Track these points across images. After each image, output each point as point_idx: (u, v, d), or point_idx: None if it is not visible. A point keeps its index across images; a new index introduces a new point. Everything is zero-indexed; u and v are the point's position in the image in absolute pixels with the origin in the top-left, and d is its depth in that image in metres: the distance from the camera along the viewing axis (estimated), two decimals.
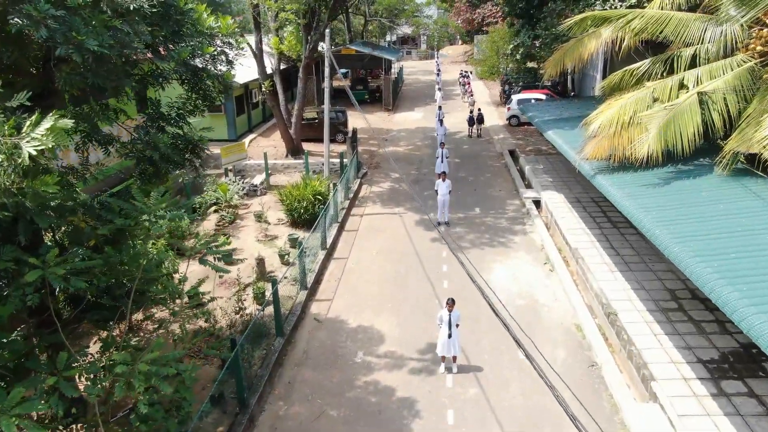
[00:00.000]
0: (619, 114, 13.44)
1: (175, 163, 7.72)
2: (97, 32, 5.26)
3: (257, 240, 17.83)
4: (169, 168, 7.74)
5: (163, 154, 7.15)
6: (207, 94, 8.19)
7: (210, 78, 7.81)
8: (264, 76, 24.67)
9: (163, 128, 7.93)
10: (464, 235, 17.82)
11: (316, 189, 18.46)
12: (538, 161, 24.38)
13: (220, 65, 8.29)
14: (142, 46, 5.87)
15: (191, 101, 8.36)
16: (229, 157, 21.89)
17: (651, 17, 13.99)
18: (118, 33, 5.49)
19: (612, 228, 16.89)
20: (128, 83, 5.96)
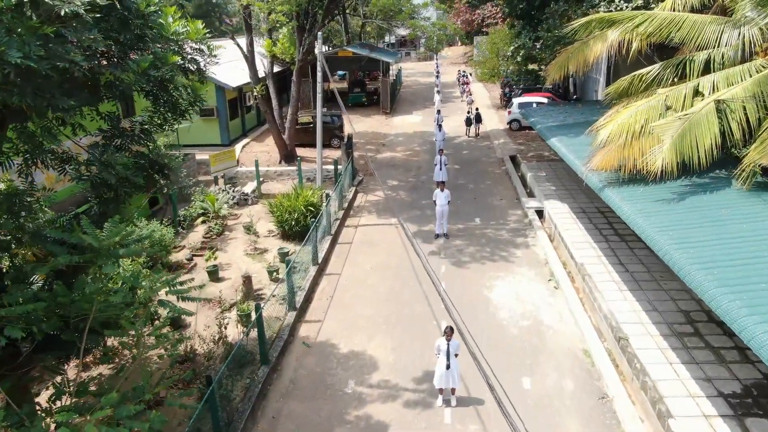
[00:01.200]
0: (630, 123, 12.56)
1: (137, 186, 6.81)
2: (24, 41, 4.39)
3: (246, 253, 16.93)
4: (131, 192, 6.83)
5: (121, 177, 6.26)
6: (176, 107, 7.29)
7: (177, 89, 6.90)
8: (256, 79, 23.80)
9: (123, 147, 7.02)
10: (464, 248, 16.92)
11: (308, 200, 17.56)
12: (541, 168, 23.49)
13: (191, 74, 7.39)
14: (81, 57, 4.99)
15: (160, 115, 7.46)
16: (218, 165, 21.00)
17: (663, 20, 13.11)
18: (50, 42, 4.61)
19: (620, 241, 16.00)
20: (65, 102, 5.08)
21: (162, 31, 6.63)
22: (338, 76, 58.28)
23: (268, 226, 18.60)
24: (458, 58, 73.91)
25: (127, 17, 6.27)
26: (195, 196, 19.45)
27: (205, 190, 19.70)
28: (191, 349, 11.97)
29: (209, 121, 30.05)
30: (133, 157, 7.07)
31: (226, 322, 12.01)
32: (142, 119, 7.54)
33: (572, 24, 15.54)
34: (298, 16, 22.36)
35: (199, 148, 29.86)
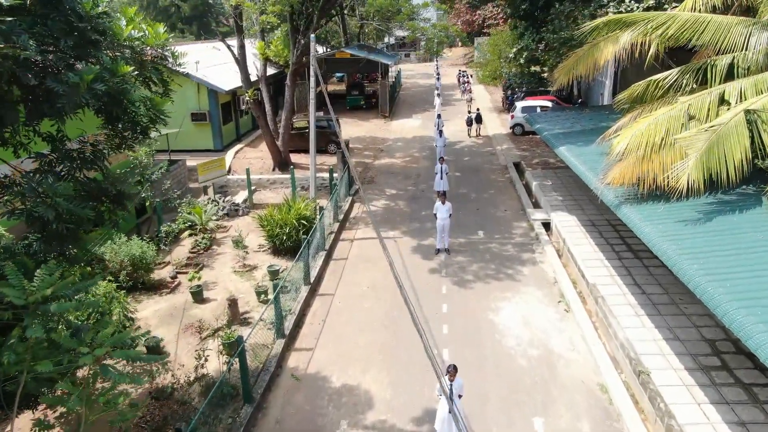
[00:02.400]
0: (649, 134, 11.49)
1: (83, 221, 5.73)
2: None
3: (234, 271, 15.85)
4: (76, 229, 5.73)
5: (59, 213, 5.18)
6: (136, 124, 6.22)
7: (134, 104, 5.83)
8: (248, 83, 22.71)
9: (70, 173, 5.93)
10: (467, 266, 15.84)
11: (300, 213, 16.49)
12: (546, 176, 22.42)
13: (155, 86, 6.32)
14: None
15: (117, 133, 6.38)
16: (207, 174, 19.92)
17: (685, 21, 12.04)
18: None
19: (633, 258, 14.92)
20: None
21: (114, 37, 5.57)
22: (336, 77, 57.24)
23: (258, 239, 17.53)
24: (458, 59, 72.86)
25: (70, 20, 5.21)
26: (182, 207, 18.37)
27: (193, 201, 18.63)
28: (169, 383, 10.88)
29: (201, 126, 29.00)
30: (81, 185, 5.98)
31: (206, 354, 10.92)
32: (95, 139, 6.45)
33: (587, 25, 14.47)
34: (292, 16, 21.29)
35: (190, 153, 28.82)
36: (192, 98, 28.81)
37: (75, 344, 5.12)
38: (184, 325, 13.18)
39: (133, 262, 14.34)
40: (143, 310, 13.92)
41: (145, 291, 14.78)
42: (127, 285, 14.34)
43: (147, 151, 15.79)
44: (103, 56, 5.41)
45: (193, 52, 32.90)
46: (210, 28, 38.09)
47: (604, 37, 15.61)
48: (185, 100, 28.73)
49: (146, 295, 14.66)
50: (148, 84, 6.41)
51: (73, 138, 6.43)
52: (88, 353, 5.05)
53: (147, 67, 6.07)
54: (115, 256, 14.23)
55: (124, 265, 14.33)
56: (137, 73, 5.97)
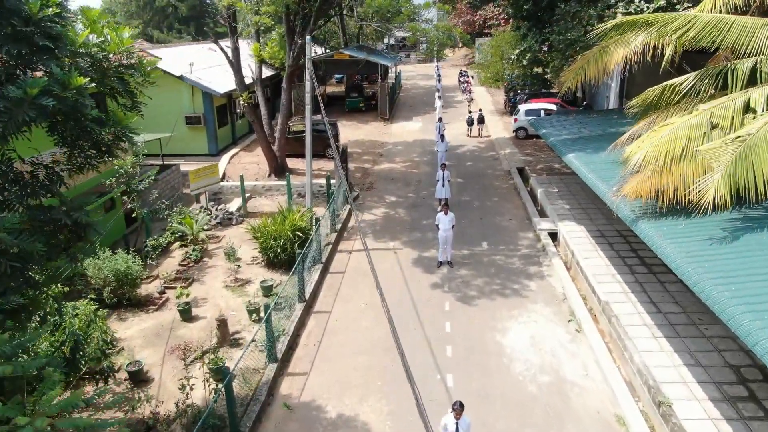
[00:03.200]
0: (668, 144, 10.68)
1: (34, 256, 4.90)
2: None
3: (225, 285, 15.03)
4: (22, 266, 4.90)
5: (3, 250, 4.38)
6: (97, 143, 5.42)
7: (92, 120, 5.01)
8: (242, 86, 21.91)
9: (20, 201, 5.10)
10: (471, 280, 15.03)
11: (295, 224, 15.67)
12: (552, 183, 21.61)
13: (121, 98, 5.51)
14: None
15: (80, 153, 5.57)
16: (198, 181, 19.09)
17: (707, 23, 11.23)
18: None
19: (647, 273, 14.12)
20: None
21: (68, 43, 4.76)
22: (335, 79, 56.39)
23: (252, 251, 16.72)
24: (459, 60, 72.04)
25: (14, 24, 4.40)
26: (172, 217, 17.54)
27: (185, 210, 17.80)
28: (151, 413, 10.07)
29: (196, 130, 28.20)
30: (32, 214, 5.16)
31: (191, 383, 10.10)
32: (53, 159, 5.63)
33: (601, 27, 13.69)
34: (288, 17, 20.49)
35: (184, 158, 28.02)
36: (186, 101, 28.02)
37: (12, 412, 4.31)
38: (170, 347, 12.36)
39: (117, 277, 13.52)
40: (128, 330, 13.11)
41: (131, 308, 13.97)
42: (111, 302, 13.55)
43: (134, 159, 14.97)
44: (53, 66, 4.60)
45: (189, 53, 32.12)
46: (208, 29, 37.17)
47: (615, 40, 14.87)
48: (179, 103, 27.96)
49: (132, 312, 13.85)
50: (114, 96, 5.60)
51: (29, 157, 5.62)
52: (26, 425, 4.23)
53: (110, 77, 5.26)
54: (98, 271, 13.42)
55: (108, 281, 13.51)
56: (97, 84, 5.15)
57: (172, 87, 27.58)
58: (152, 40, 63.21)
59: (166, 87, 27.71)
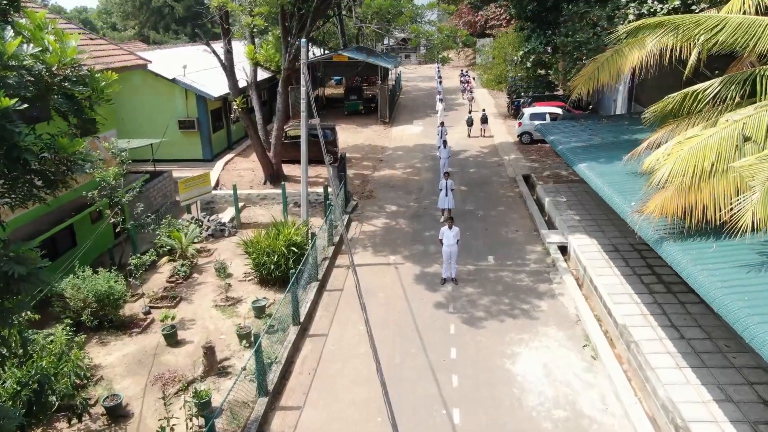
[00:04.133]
0: (696, 158, 9.74)
1: None
2: None
3: (215, 305, 14.08)
4: None
5: None
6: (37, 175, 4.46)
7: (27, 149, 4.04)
8: (236, 90, 20.96)
9: None
10: (477, 299, 14.09)
11: (290, 239, 14.73)
12: (560, 191, 20.66)
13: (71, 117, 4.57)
14: None
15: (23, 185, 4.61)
16: (188, 191, 18.13)
17: (738, 25, 10.30)
18: None
19: (666, 292, 13.18)
20: None
21: None
22: (334, 81, 55.45)
23: (244, 266, 15.77)
24: (460, 61, 71.04)
25: None
26: (161, 229, 16.60)
27: (173, 222, 16.85)
28: None
29: (189, 135, 27.27)
30: None
31: (173, 422, 9.15)
32: None
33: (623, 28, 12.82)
34: (284, 18, 19.54)
35: (178, 163, 27.10)
36: (179, 105, 27.09)
37: None
38: (153, 376, 11.42)
39: (98, 299, 12.58)
40: (109, 356, 12.17)
41: (114, 330, 13.03)
42: (91, 325, 12.62)
43: (117, 171, 14.02)
44: None
45: (184, 55, 31.16)
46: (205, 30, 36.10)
47: (629, 42, 14.01)
48: (172, 107, 27.03)
49: (114, 335, 12.91)
50: (65, 116, 4.67)
51: None
52: None
53: (52, 94, 4.32)
54: (77, 292, 12.47)
55: (88, 303, 12.57)
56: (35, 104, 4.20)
57: (164, 90, 26.67)
58: (148, 41, 62.30)
59: (158, 90, 26.83)
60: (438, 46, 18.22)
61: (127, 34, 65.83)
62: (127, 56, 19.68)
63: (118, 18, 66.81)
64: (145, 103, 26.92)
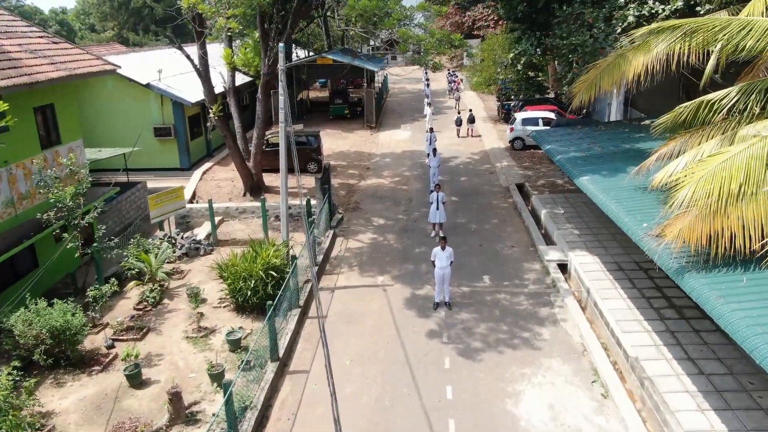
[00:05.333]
0: (722, 179, 8.67)
1: None
2: None
3: (186, 336, 12.80)
4: None
5: None
6: None
7: None
8: (211, 97, 19.67)
9: None
10: (473, 326, 12.94)
11: (268, 261, 13.48)
12: (556, 202, 19.59)
13: None
14: None
15: None
16: (160, 208, 16.79)
17: (766, 29, 9.25)
18: None
19: (678, 318, 12.13)
20: None
21: None
22: (319, 83, 54.15)
23: (219, 290, 14.49)
24: (446, 62, 70.02)
25: None
26: (129, 250, 15.28)
27: (143, 241, 15.50)
28: None
29: (166, 142, 25.91)
30: None
31: None
32: None
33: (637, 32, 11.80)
34: (262, 21, 18.28)
35: (154, 173, 25.76)
36: (155, 111, 25.72)
37: None
38: (112, 426, 10.12)
39: (53, 334, 11.25)
40: (64, 399, 10.86)
41: (71, 368, 11.72)
42: (45, 364, 11.29)
43: (73, 191, 12.67)
44: None
45: (161, 58, 29.69)
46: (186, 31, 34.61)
47: (633, 46, 13.02)
48: (147, 113, 25.64)
49: (72, 374, 11.60)
50: None
51: None
52: None
53: None
54: (28, 328, 11.14)
55: (41, 339, 11.23)
56: None
57: (138, 96, 25.28)
58: (128, 43, 60.54)
59: (132, 96, 25.42)
60: (429, 52, 16.96)
61: (105, 36, 63.97)
62: (93, 61, 18.29)
63: (96, 19, 64.90)
64: (119, 109, 25.52)
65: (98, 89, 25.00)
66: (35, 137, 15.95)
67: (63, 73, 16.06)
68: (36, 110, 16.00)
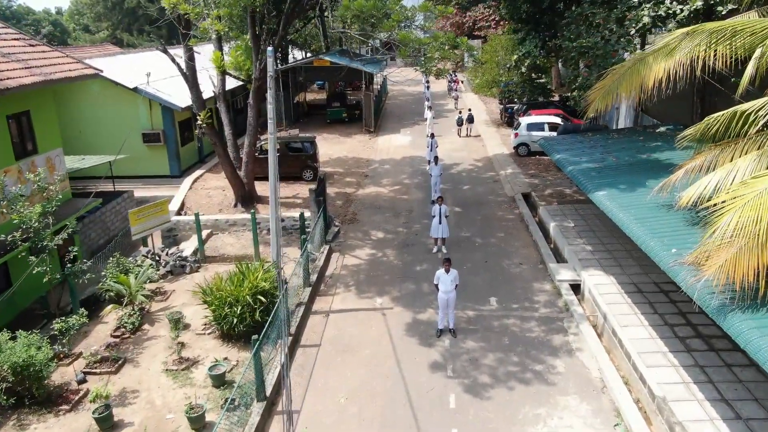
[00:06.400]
0: None
1: None
2: None
3: (165, 369, 11.65)
4: None
5: None
6: None
7: None
8: (200, 103, 18.53)
9: None
10: (480, 357, 11.81)
11: (256, 285, 12.35)
12: (565, 214, 18.46)
13: None
14: None
15: None
16: (142, 223, 15.62)
17: None
18: None
19: (707, 350, 11.02)
20: None
21: None
22: (317, 85, 53.00)
23: (204, 313, 13.33)
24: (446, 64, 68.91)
25: None
26: (108, 269, 14.15)
27: (123, 261, 14.36)
28: None
29: (155, 148, 24.80)
30: None
31: None
32: None
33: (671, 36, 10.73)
34: (253, 22, 17.14)
35: (143, 180, 24.66)
36: (143, 116, 24.59)
37: None
38: None
39: (15, 371, 10.11)
40: None
41: (37, 407, 10.58)
42: (7, 403, 10.15)
43: (40, 211, 11.51)
44: None
45: (151, 60, 28.52)
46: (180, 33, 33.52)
47: (655, 51, 12.00)
48: (135, 118, 24.49)
49: (37, 414, 10.46)
50: None
51: None
52: None
53: None
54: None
55: (2, 376, 10.11)
56: None
57: (126, 100, 24.15)
58: (122, 44, 59.38)
59: (119, 101, 24.27)
60: (431, 58, 15.83)
61: (99, 37, 62.85)
62: (73, 65, 17.15)
63: (89, 20, 63.72)
64: (106, 114, 24.39)
65: (84, 93, 23.87)
66: (8, 147, 14.86)
67: (37, 79, 14.93)
68: (9, 118, 14.91)
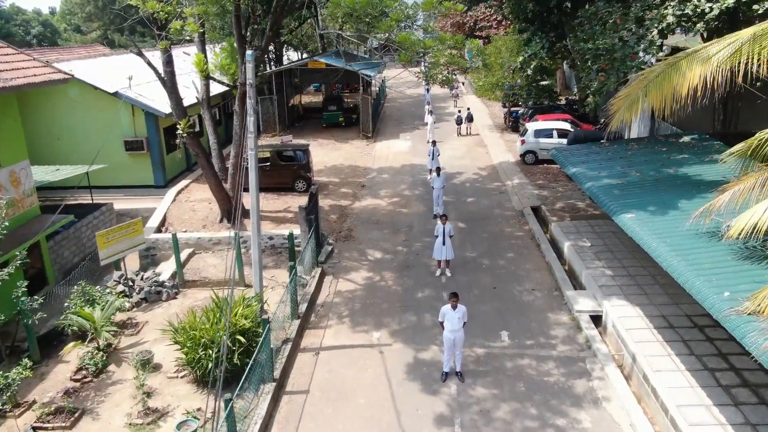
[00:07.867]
0: None
1: None
2: None
3: (129, 423, 10.09)
4: None
5: None
6: None
7: None
8: (180, 111, 16.95)
9: None
10: (491, 408, 10.24)
11: (235, 324, 10.78)
12: (580, 232, 16.90)
13: None
14: None
15: None
16: (111, 246, 14.01)
17: None
18: None
19: (758, 404, 9.48)
20: None
21: None
22: (313, 87, 51.43)
23: (178, 352, 11.76)
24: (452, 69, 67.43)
25: None
26: (72, 300, 12.60)
27: (89, 289, 12.80)
28: None
29: (138, 157, 23.24)
30: None
31: None
32: None
33: (722, 39, 9.15)
34: (238, 23, 15.58)
35: (125, 191, 23.12)
36: (125, 122, 23.00)
37: None
38: None
39: None
40: None
41: None
42: None
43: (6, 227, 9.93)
44: None
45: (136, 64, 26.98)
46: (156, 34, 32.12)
47: (686, 54, 10.56)
48: (116, 125, 22.88)
49: None
50: None
51: None
52: None
53: None
54: None
55: None
56: None
57: (106, 106, 22.54)
58: (114, 44, 57.78)
59: (99, 106, 22.65)
60: (436, 64, 14.28)
61: (91, 37, 61.30)
62: (39, 69, 15.60)
63: (80, 20, 62.11)
64: (85, 120, 22.81)
65: (60, 98, 22.28)
66: None
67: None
68: None
